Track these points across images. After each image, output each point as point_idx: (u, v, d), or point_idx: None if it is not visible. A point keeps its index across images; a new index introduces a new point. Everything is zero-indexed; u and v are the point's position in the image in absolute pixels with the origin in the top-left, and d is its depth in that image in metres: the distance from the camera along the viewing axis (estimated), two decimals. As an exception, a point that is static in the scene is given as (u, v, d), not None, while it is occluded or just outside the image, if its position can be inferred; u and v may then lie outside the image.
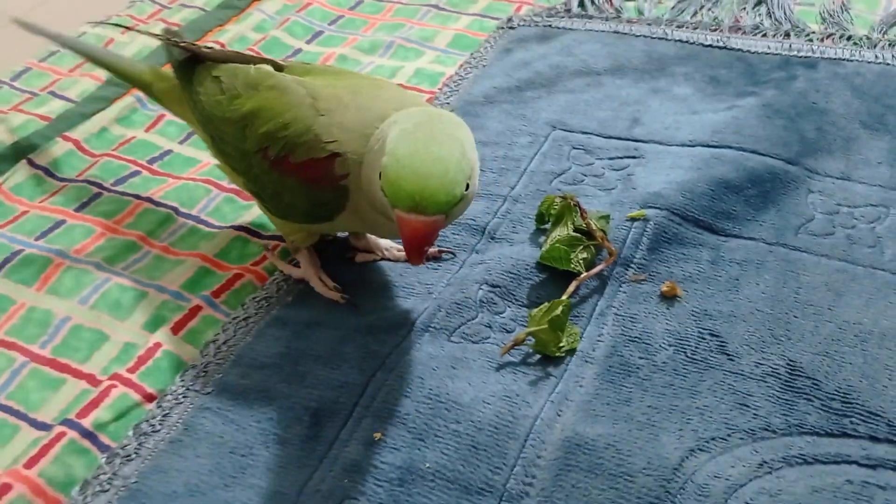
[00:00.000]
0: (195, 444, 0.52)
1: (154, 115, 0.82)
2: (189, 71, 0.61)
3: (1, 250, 0.66)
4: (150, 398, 0.55)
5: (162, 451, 0.52)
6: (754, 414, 0.51)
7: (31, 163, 0.75)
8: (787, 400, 0.52)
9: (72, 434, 0.52)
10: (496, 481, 0.48)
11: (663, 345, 0.56)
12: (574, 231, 0.61)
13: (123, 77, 0.69)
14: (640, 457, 0.49)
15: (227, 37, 0.92)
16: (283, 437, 0.52)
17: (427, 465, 0.49)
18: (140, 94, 0.81)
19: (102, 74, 0.86)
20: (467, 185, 0.47)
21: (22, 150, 0.77)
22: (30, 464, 0.51)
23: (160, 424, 0.53)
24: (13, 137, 0.79)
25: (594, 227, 0.61)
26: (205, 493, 0.49)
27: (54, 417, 0.55)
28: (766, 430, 0.50)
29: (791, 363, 0.54)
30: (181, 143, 0.78)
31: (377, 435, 0.51)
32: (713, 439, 0.50)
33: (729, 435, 0.50)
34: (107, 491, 0.50)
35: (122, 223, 0.69)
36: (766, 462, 0.48)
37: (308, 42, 0.92)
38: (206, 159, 0.75)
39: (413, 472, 0.49)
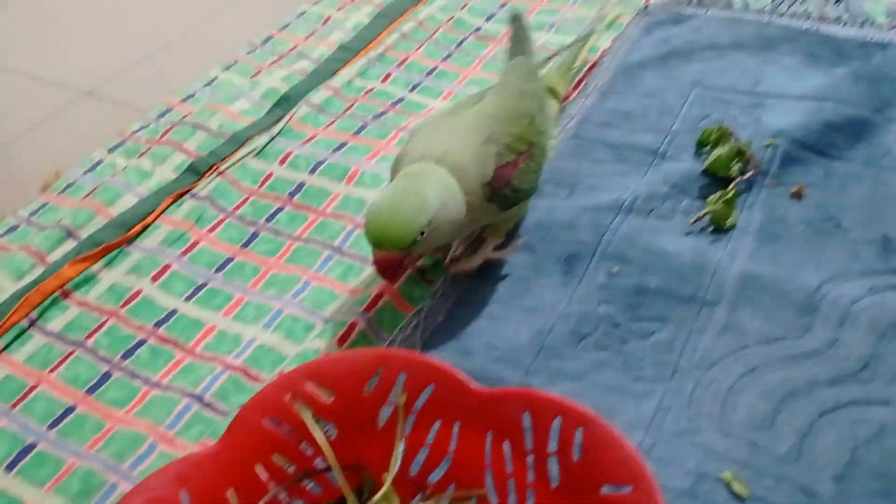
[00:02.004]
0: (483, 288, 0.79)
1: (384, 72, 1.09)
2: None
3: (307, 161, 0.93)
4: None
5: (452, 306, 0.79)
6: (863, 262, 0.77)
7: (307, 102, 1.03)
8: (884, 256, 0.78)
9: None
10: (698, 295, 0.75)
11: (796, 223, 0.82)
12: (729, 150, 0.87)
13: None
14: (792, 283, 0.76)
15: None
16: (548, 273, 0.79)
17: (652, 286, 0.76)
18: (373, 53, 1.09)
19: (335, 41, 1.13)
20: (422, 232, 0.64)
21: (298, 95, 1.04)
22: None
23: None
24: (286, 85, 1.06)
25: (743, 148, 0.87)
26: (497, 317, 0.76)
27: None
28: (871, 271, 0.77)
29: (885, 235, 0.80)
30: (411, 91, 1.06)
31: (615, 269, 0.78)
32: (838, 276, 0.76)
33: (847, 273, 0.77)
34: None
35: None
36: (872, 287, 0.75)
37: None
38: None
39: (643, 289, 0.76)
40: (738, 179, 0.85)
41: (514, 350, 0.73)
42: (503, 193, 0.73)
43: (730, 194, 0.82)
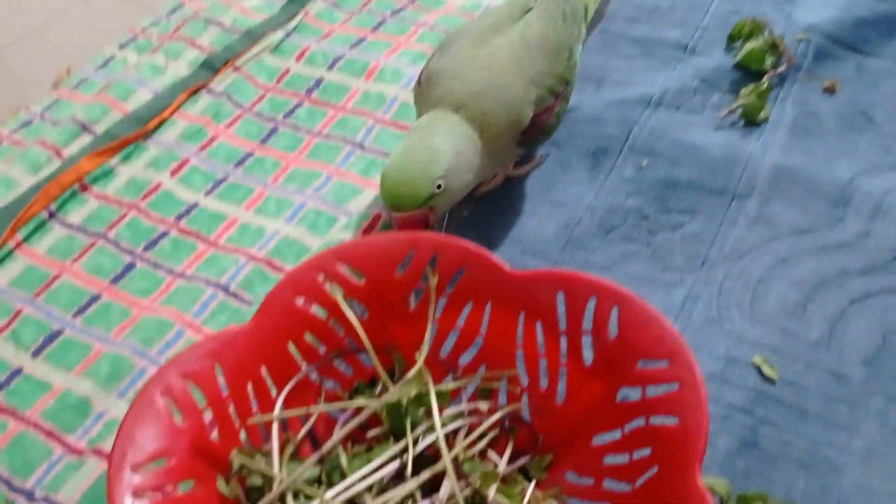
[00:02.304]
0: (508, 183, 0.77)
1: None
2: None
3: (325, 57, 0.91)
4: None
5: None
6: (895, 156, 0.76)
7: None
8: (918, 149, 0.76)
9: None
10: (729, 187, 0.74)
11: (829, 117, 0.80)
12: (763, 43, 0.85)
13: None
14: (824, 175, 0.74)
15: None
16: (574, 168, 0.78)
17: (682, 178, 0.75)
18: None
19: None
20: (439, 185, 0.61)
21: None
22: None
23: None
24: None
25: (777, 41, 0.85)
26: (522, 212, 0.75)
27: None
28: (906, 164, 0.75)
29: (919, 129, 0.78)
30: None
31: (644, 162, 0.77)
32: (870, 169, 0.75)
33: (880, 166, 0.75)
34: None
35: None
36: (906, 180, 0.74)
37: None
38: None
39: (673, 182, 0.75)
40: (770, 73, 0.83)
41: (541, 243, 0.72)
42: (534, 137, 0.69)
43: (763, 87, 0.80)
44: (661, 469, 0.47)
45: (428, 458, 0.52)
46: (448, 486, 0.49)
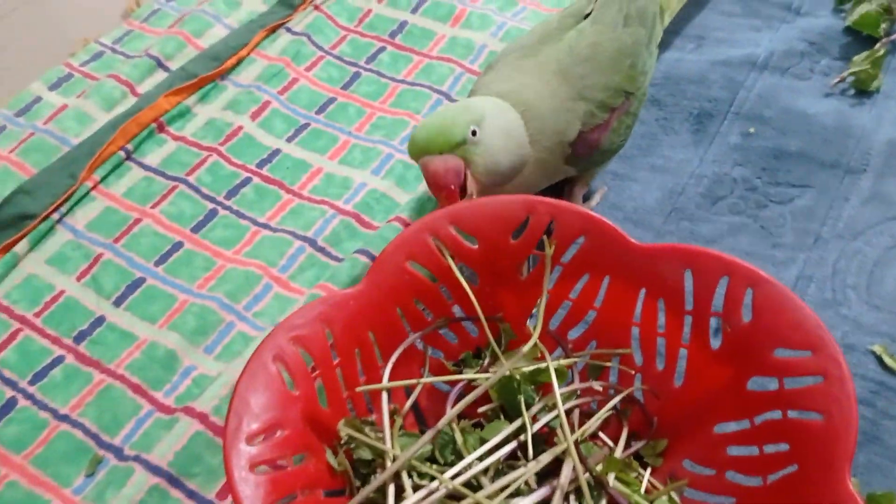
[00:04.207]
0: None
1: None
2: None
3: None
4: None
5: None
6: None
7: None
8: None
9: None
10: (842, 161, 0.70)
11: (946, 91, 0.76)
12: (878, 6, 0.79)
13: None
14: (944, 153, 0.70)
15: None
16: (677, 131, 0.74)
17: (792, 148, 0.71)
18: None
19: None
20: (474, 132, 0.55)
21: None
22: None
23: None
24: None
25: (892, 4, 0.79)
26: (621, 175, 0.71)
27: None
28: None
29: None
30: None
31: (751, 129, 0.73)
32: None
33: None
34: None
35: None
36: None
37: None
38: None
39: (782, 152, 0.71)
40: (884, 40, 0.78)
41: (643, 211, 0.68)
42: (586, 157, 0.62)
43: (879, 54, 0.75)
44: (801, 467, 0.45)
45: (540, 438, 0.50)
46: (568, 470, 0.47)
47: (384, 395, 0.50)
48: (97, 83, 0.77)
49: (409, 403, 0.52)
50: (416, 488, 0.45)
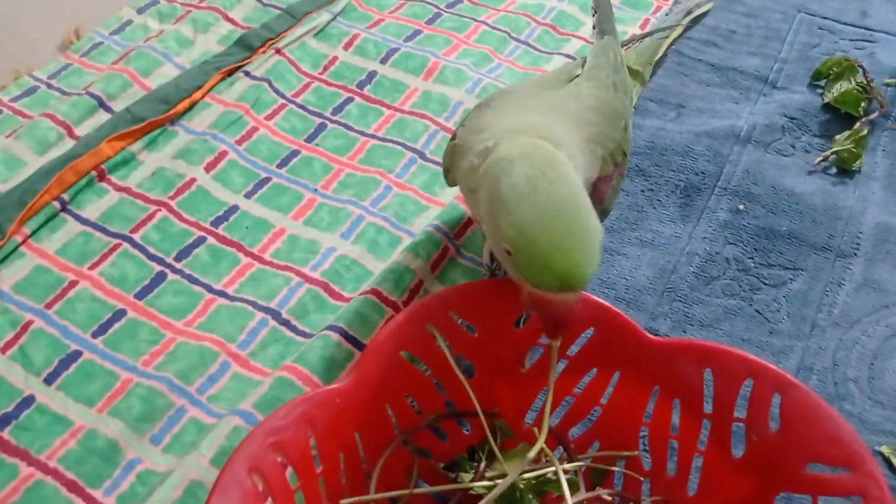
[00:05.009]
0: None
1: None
2: None
3: (377, 48, 0.81)
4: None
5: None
6: None
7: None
8: None
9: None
10: (832, 244, 0.68)
11: (925, 174, 0.75)
12: (857, 86, 0.79)
13: None
14: (932, 239, 0.69)
15: None
16: (664, 203, 0.70)
17: (783, 228, 0.68)
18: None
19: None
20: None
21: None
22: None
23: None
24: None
25: (870, 84, 0.79)
26: (611, 250, 0.67)
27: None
28: None
29: None
30: None
31: (741, 205, 0.70)
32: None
33: None
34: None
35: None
36: None
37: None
38: None
39: (774, 232, 0.68)
40: (864, 119, 0.77)
41: (635, 290, 0.64)
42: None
43: (862, 133, 0.74)
44: None
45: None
46: None
47: (371, 508, 0.44)
48: (30, 122, 0.69)
49: (397, 516, 0.46)
50: None
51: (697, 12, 0.89)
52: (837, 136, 0.75)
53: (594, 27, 0.64)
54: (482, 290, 0.48)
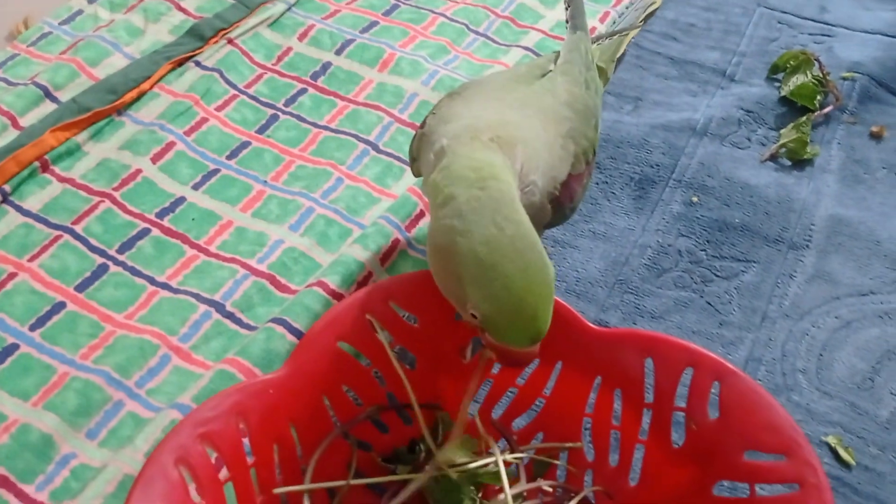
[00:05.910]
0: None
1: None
2: None
3: (332, 39, 0.80)
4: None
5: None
6: (952, 216, 0.71)
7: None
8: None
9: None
10: (785, 236, 0.68)
11: (878, 167, 0.75)
12: (813, 79, 0.79)
13: None
14: (882, 232, 0.68)
15: None
16: (618, 196, 0.70)
17: (736, 220, 0.68)
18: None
19: None
20: None
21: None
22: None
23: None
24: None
25: (826, 78, 0.79)
26: (563, 242, 0.67)
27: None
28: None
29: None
30: None
31: (694, 198, 0.70)
32: (927, 228, 0.70)
33: (938, 227, 0.70)
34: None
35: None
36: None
37: None
38: None
39: (726, 224, 0.68)
40: (817, 112, 0.77)
41: (585, 282, 0.64)
42: (562, 211, 0.52)
43: (802, 121, 0.74)
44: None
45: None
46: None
47: (306, 500, 0.43)
48: (-29, 112, 0.67)
49: (334, 507, 0.45)
50: None
51: (651, 9, 0.89)
52: (783, 129, 0.75)
53: (567, 21, 0.63)
54: (424, 280, 0.48)
